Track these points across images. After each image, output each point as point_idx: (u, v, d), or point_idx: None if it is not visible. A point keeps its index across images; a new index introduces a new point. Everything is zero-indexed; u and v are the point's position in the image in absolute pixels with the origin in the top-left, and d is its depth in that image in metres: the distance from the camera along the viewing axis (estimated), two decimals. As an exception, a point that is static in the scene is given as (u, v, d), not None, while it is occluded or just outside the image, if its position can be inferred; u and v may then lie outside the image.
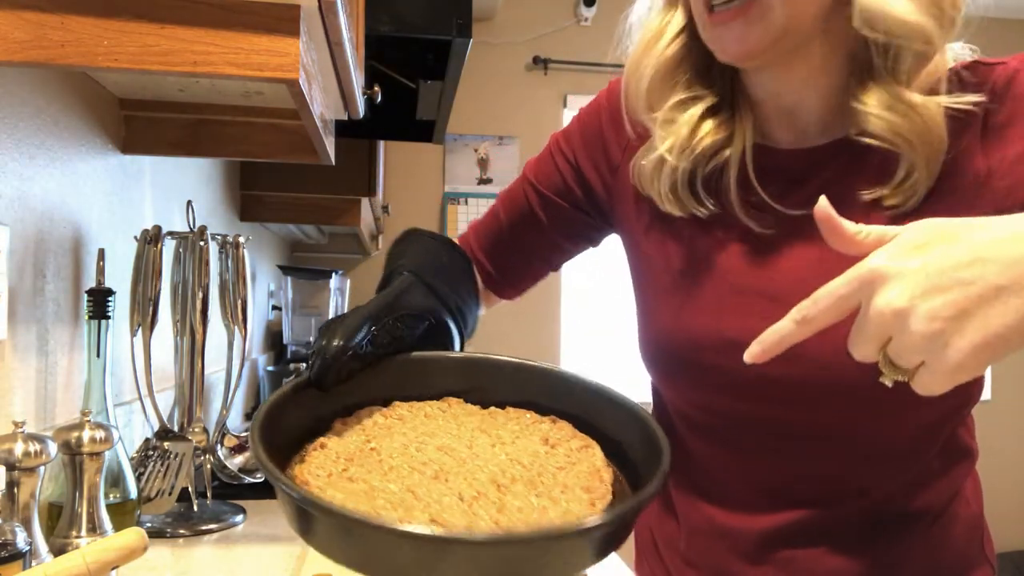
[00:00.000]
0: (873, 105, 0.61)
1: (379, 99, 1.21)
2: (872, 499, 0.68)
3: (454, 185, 3.44)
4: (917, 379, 0.45)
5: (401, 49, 1.34)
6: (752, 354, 0.50)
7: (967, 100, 0.60)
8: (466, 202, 3.43)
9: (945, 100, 0.60)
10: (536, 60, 3.47)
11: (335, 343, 0.58)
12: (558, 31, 3.52)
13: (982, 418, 0.74)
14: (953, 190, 0.62)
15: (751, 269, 0.68)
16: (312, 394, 0.58)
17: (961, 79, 0.63)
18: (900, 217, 0.61)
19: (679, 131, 0.68)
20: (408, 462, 0.52)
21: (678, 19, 0.68)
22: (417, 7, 1.22)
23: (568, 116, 3.52)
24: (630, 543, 0.91)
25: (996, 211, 0.54)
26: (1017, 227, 0.45)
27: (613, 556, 1.01)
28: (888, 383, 0.47)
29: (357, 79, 1.02)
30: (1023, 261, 0.43)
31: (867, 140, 0.62)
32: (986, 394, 3.95)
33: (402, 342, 0.63)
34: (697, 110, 0.68)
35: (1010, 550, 3.67)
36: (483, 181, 3.45)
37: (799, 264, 0.65)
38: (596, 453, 0.55)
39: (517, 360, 0.63)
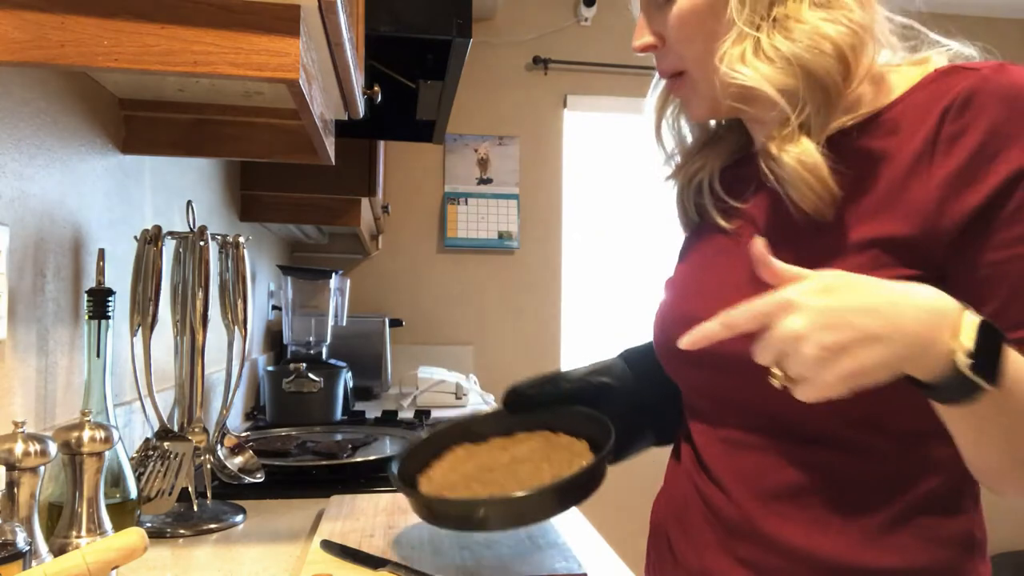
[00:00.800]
0: (781, 156, 0.70)
1: (379, 99, 1.20)
2: (858, 493, 0.70)
3: (454, 185, 3.44)
4: (798, 388, 0.58)
5: (401, 49, 1.34)
6: (683, 342, 0.63)
7: (835, 125, 0.69)
8: (466, 202, 3.43)
9: (817, 159, 0.68)
10: (536, 60, 3.47)
11: (517, 385, 0.93)
12: (558, 31, 3.52)
13: (982, 418, 0.73)
14: (869, 203, 0.68)
15: (717, 260, 0.80)
16: (505, 414, 0.97)
17: (929, 85, 0.69)
18: (819, 227, 0.69)
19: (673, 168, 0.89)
20: (477, 469, 0.92)
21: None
22: (417, 7, 1.22)
23: (568, 116, 3.52)
24: (634, 550, 0.91)
25: (922, 218, 0.65)
26: (906, 294, 0.58)
27: (614, 558, 1.01)
28: (777, 385, 0.59)
29: (357, 79, 1.02)
30: (898, 320, 0.56)
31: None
32: (986, 394, 3.95)
33: (574, 398, 0.91)
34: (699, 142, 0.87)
35: (1010, 550, 3.67)
36: (483, 181, 3.45)
37: (733, 268, 0.75)
38: (583, 453, 0.88)
39: (589, 410, 0.92)
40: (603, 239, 3.49)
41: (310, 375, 1.99)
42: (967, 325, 0.56)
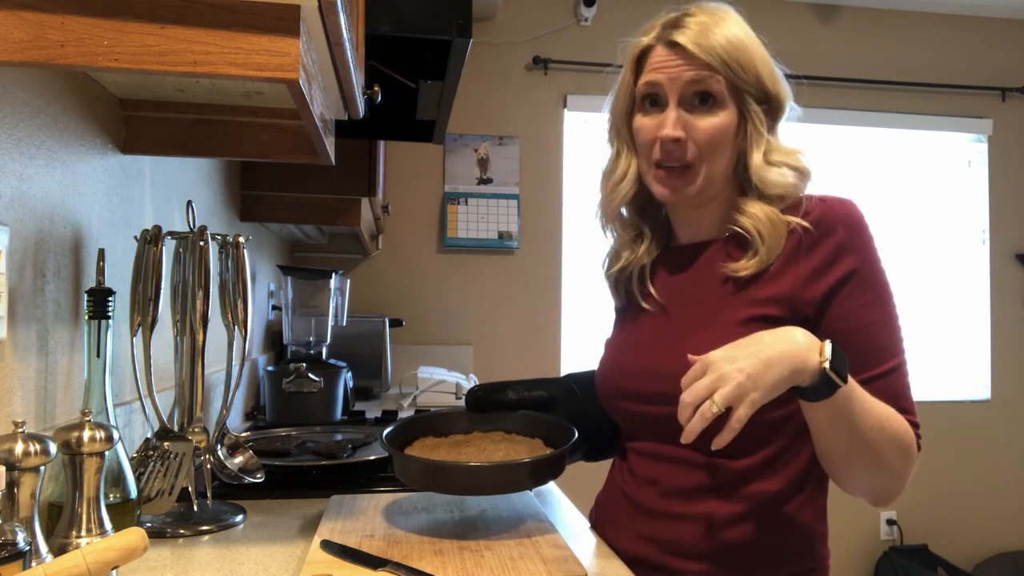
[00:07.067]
0: (751, 211, 1.01)
1: (379, 99, 1.21)
2: (731, 488, 0.99)
3: (454, 185, 3.44)
4: (736, 410, 0.83)
5: (401, 49, 1.34)
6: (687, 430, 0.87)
7: (799, 222, 0.98)
8: (466, 202, 3.43)
9: (790, 219, 0.99)
10: (536, 60, 3.47)
11: (475, 388, 1.21)
12: (558, 31, 3.52)
13: (982, 418, 0.74)
14: (776, 281, 0.99)
15: (643, 328, 1.10)
16: (468, 414, 1.20)
17: (804, 204, 1.00)
18: (745, 282, 1.00)
19: (620, 256, 1.18)
20: (456, 450, 1.12)
21: (633, 166, 1.09)
22: (417, 7, 1.22)
23: (568, 116, 3.52)
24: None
25: (797, 293, 0.97)
26: (783, 336, 0.86)
27: (618, 563, 1.01)
28: (715, 411, 0.83)
29: (357, 79, 1.02)
30: (767, 353, 0.84)
31: (737, 229, 1.02)
32: (986, 394, 3.95)
33: (521, 406, 1.18)
34: (628, 247, 1.16)
35: (1010, 550, 3.66)
36: (483, 181, 3.45)
37: (661, 332, 1.07)
38: (543, 447, 1.11)
39: (546, 415, 1.16)
40: (603, 239, 3.49)
41: (310, 375, 1.99)
42: (826, 346, 0.85)
